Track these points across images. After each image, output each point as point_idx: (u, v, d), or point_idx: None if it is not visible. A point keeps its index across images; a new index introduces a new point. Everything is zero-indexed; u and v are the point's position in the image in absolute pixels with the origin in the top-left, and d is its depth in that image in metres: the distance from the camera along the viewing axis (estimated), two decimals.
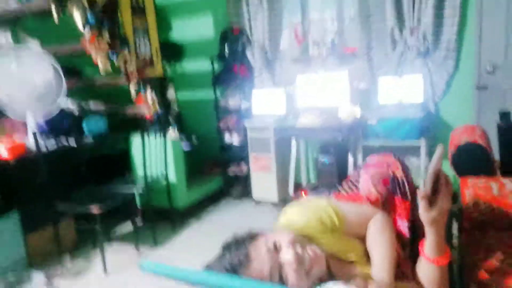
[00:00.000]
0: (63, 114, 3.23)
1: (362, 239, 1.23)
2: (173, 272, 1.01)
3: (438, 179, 1.02)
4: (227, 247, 1.12)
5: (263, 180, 3.74)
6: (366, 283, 1.02)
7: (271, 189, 3.71)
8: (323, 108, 3.42)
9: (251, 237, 1.13)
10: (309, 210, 1.24)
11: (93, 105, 3.54)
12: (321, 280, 1.09)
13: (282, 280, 1.04)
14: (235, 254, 1.06)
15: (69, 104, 3.35)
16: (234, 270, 1.03)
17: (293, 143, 3.59)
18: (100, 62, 2.92)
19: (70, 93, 3.26)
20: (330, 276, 1.13)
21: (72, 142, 3.07)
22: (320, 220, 1.19)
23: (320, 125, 3.26)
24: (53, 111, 2.98)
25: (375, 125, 3.18)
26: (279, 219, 1.27)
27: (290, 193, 3.66)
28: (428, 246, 1.10)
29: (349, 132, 3.23)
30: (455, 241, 1.90)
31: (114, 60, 2.99)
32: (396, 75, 3.36)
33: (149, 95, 3.13)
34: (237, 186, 4.08)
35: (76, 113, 3.36)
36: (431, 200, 1.03)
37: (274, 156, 3.64)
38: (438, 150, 1.03)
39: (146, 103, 3.11)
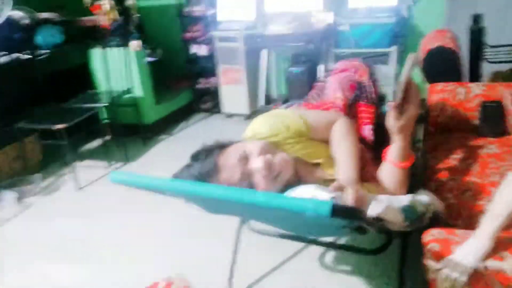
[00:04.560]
0: (13, 24, 2.94)
1: (328, 143, 1.27)
2: (142, 180, 1.02)
3: (408, 88, 1.03)
4: (195, 157, 1.15)
5: (233, 93, 3.67)
6: (341, 184, 1.05)
7: (241, 102, 3.67)
8: (295, 14, 3.26)
9: (220, 147, 1.15)
10: (275, 119, 1.26)
11: (45, 14, 3.22)
12: (289, 183, 1.13)
13: (251, 187, 1.08)
14: (204, 164, 1.09)
15: (18, 14, 3.03)
16: (202, 178, 1.06)
17: (264, 53, 3.47)
18: None
19: (19, 1, 2.93)
20: (298, 179, 1.18)
21: (26, 55, 2.84)
22: (286, 126, 1.22)
23: (292, 32, 3.14)
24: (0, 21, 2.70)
25: (347, 32, 3.09)
26: (246, 131, 1.29)
27: (261, 105, 3.63)
28: (395, 152, 1.14)
29: (321, 40, 3.14)
30: (419, 144, 1.98)
31: None
32: None
33: (106, 1, 2.87)
34: (207, 100, 4.01)
35: (27, 23, 3.07)
36: (401, 109, 1.05)
37: (244, 67, 3.52)
38: (409, 59, 1.04)
39: (103, 11, 2.86)
